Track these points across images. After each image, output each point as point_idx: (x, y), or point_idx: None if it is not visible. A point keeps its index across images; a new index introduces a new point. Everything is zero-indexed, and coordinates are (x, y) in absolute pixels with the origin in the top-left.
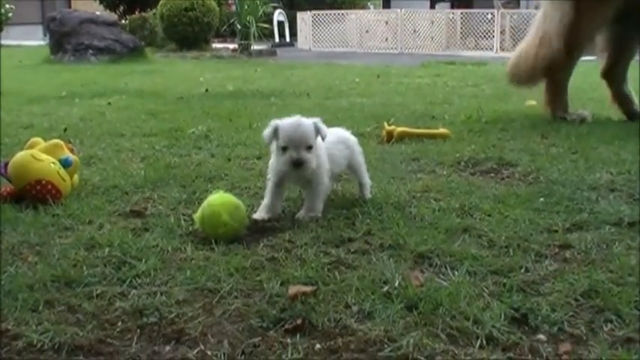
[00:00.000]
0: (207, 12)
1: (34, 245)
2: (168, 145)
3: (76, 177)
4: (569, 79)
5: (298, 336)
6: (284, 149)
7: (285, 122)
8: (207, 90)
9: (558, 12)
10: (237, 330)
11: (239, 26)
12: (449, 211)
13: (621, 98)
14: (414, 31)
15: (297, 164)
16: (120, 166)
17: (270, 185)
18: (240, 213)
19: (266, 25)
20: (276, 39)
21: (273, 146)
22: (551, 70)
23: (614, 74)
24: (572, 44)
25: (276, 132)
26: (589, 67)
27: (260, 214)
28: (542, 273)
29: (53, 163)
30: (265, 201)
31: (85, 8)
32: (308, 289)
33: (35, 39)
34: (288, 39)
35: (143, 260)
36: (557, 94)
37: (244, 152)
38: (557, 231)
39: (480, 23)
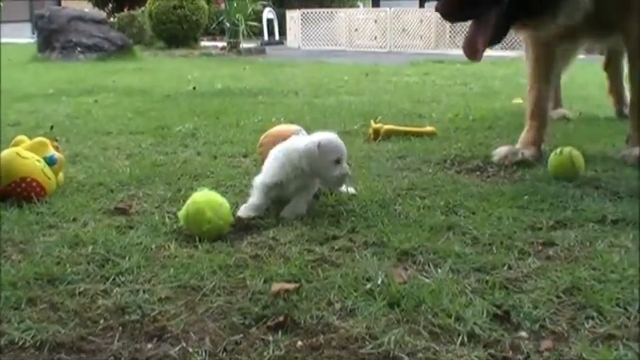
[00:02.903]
0: (196, 10)
1: (17, 243)
2: (154, 142)
3: (61, 175)
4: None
5: (280, 333)
6: (337, 161)
7: (330, 137)
8: (194, 88)
9: None
10: (220, 327)
11: (228, 24)
12: (434, 208)
13: (615, 94)
14: (403, 29)
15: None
16: (105, 163)
17: (263, 187)
18: (224, 210)
19: (255, 24)
20: (266, 37)
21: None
22: None
23: (612, 68)
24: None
25: (320, 147)
26: (579, 66)
27: (246, 212)
28: (525, 270)
29: (38, 160)
30: (254, 200)
31: (74, 6)
32: (291, 286)
33: (24, 36)
34: (277, 37)
35: (127, 258)
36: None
37: (230, 150)
38: (541, 228)
39: (470, 22)
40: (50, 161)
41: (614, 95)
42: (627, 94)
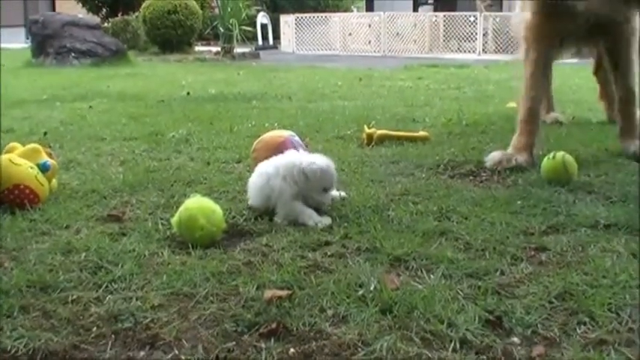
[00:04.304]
0: (190, 15)
1: (10, 250)
2: (148, 148)
3: (54, 181)
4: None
5: (272, 340)
6: (325, 190)
7: (329, 165)
8: (188, 93)
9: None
10: (212, 335)
11: (222, 29)
12: (426, 214)
13: (606, 98)
14: (397, 33)
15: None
16: (99, 170)
17: (297, 203)
18: (217, 217)
19: (249, 28)
20: (260, 42)
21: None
22: None
23: (602, 72)
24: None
25: (320, 172)
26: (572, 69)
27: (320, 221)
28: (518, 276)
29: (31, 167)
30: (308, 212)
31: (68, 11)
32: (283, 293)
33: (17, 42)
34: (271, 42)
35: (120, 265)
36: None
37: (224, 156)
38: (533, 234)
39: (463, 26)
40: (43, 168)
41: (606, 100)
42: None
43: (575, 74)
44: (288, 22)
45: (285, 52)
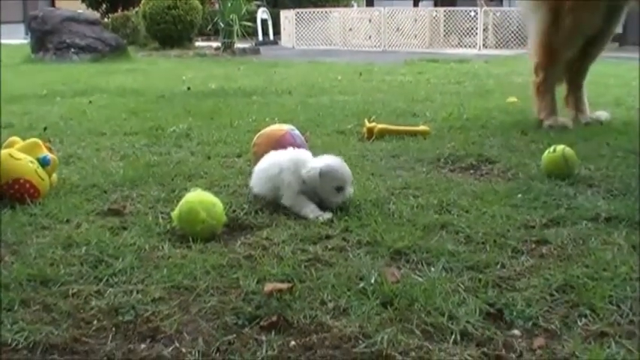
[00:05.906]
0: (190, 10)
1: (10, 245)
2: (148, 143)
3: (54, 176)
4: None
5: (273, 333)
6: (339, 189)
7: (333, 165)
8: (189, 88)
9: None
10: (213, 327)
11: (222, 24)
12: (427, 207)
13: (573, 101)
14: (398, 28)
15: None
16: (99, 164)
17: (302, 197)
18: (217, 210)
19: (249, 24)
20: (260, 37)
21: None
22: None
23: (574, 74)
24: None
25: (322, 175)
26: None
27: (321, 214)
28: (518, 268)
29: (31, 162)
30: (310, 206)
31: (68, 6)
32: (284, 286)
33: (17, 37)
34: (271, 37)
35: (120, 259)
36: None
37: (224, 150)
38: (534, 227)
39: (463, 21)
40: (43, 162)
41: (572, 103)
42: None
43: None
44: (288, 17)
45: (285, 48)
